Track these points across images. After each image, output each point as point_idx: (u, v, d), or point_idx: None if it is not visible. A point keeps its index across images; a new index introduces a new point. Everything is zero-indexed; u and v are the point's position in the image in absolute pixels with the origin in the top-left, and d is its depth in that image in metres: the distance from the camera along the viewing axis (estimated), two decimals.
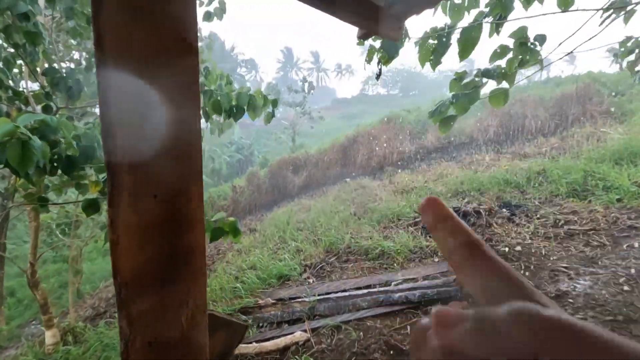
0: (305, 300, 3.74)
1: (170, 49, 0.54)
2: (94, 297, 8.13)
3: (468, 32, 2.29)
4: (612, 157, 5.88)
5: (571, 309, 2.78)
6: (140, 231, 0.49)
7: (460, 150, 10.45)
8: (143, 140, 0.50)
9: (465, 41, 2.29)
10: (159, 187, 0.51)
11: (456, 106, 2.28)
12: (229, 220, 2.07)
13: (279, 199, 12.69)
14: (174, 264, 0.53)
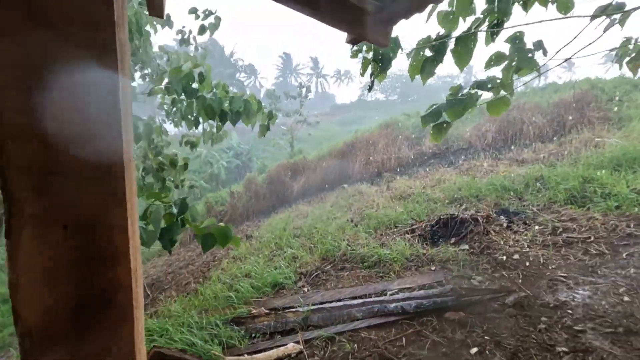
0: (299, 310, 3.67)
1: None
2: None
3: (463, 42, 2.25)
4: (610, 163, 5.84)
5: (570, 320, 2.72)
6: (46, 269, 0.42)
7: (458, 156, 10.41)
8: (48, 155, 0.43)
9: (461, 51, 2.25)
10: (69, 215, 0.44)
11: (449, 112, 2.24)
12: (221, 226, 2.00)
13: (277, 204, 12.62)
14: (91, 307, 0.46)
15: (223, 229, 1.88)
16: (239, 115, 3.07)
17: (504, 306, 3.05)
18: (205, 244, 1.89)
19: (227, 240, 1.91)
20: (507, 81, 2.35)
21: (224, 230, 1.88)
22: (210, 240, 1.91)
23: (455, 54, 2.29)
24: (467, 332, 2.81)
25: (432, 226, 5.04)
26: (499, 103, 2.33)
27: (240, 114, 2.94)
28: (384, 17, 1.33)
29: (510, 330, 2.74)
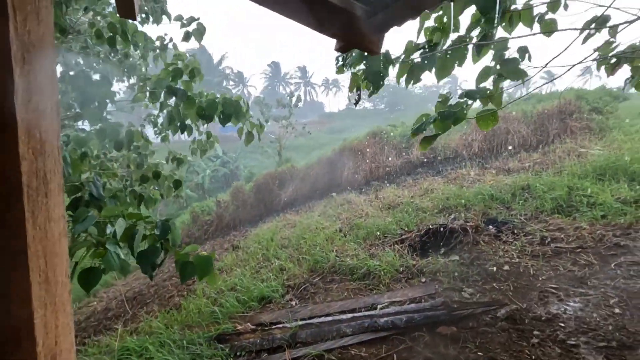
0: (287, 325, 3.53)
1: None
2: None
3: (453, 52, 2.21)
4: (594, 172, 5.93)
5: (563, 334, 2.67)
6: None
7: (445, 165, 10.47)
8: None
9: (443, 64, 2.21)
10: None
11: (437, 124, 2.18)
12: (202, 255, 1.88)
13: (264, 214, 12.44)
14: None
15: (204, 258, 1.76)
16: (229, 116, 2.99)
17: (496, 320, 2.99)
18: (183, 273, 1.77)
19: (206, 273, 1.79)
20: (496, 92, 2.32)
21: (204, 261, 1.76)
22: (190, 269, 1.79)
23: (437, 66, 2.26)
24: (459, 348, 2.73)
25: (422, 236, 4.99)
26: (489, 117, 2.30)
27: (230, 114, 2.87)
28: (375, 23, 1.27)
29: (503, 346, 2.67)
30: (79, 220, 1.77)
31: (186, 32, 4.27)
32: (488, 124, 2.07)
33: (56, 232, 0.52)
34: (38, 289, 0.39)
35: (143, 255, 1.72)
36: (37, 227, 0.48)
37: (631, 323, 2.66)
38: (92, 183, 2.18)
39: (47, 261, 0.49)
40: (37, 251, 0.46)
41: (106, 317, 6.52)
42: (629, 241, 3.87)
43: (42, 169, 0.50)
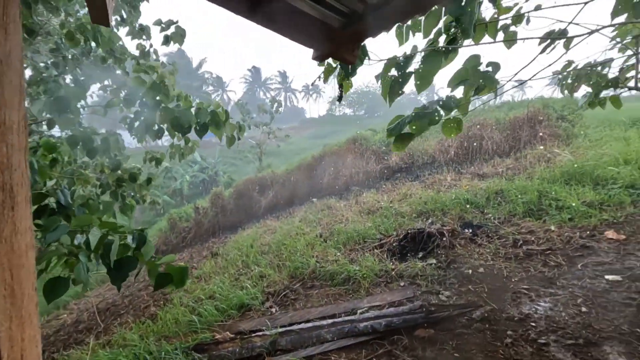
0: (267, 333, 3.50)
1: None
2: None
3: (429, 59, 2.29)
4: (562, 177, 6.22)
5: (534, 333, 2.77)
6: None
7: (423, 170, 10.70)
8: None
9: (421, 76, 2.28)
10: None
11: (415, 124, 2.24)
12: (179, 265, 1.85)
13: (244, 220, 12.29)
14: None
15: (180, 269, 1.74)
16: (206, 127, 2.94)
17: (471, 321, 3.07)
18: (158, 283, 1.73)
19: (182, 283, 1.76)
20: (466, 100, 2.41)
21: (180, 271, 1.73)
22: (166, 279, 1.76)
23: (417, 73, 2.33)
24: (437, 350, 2.78)
25: (400, 241, 5.07)
26: (453, 124, 2.38)
27: (207, 125, 2.82)
28: (351, 34, 1.31)
29: (478, 346, 2.75)
30: (49, 229, 1.71)
31: (165, 35, 4.22)
32: (452, 131, 2.15)
33: (23, 245, 0.51)
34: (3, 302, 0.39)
35: (118, 266, 1.67)
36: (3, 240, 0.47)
37: (596, 321, 2.79)
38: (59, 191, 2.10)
39: (13, 274, 0.48)
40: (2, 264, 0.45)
41: (77, 330, 6.24)
42: (594, 242, 4.08)
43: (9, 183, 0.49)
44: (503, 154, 10.01)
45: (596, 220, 4.56)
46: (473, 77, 2.36)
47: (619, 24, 2.72)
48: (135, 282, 8.49)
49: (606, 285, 3.24)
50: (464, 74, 2.34)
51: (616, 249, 3.84)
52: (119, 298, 7.37)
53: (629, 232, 4.14)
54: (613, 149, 7.02)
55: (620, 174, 5.54)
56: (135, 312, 6.03)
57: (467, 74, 2.32)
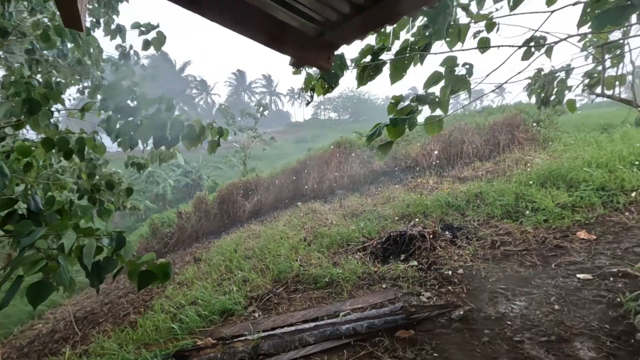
0: (249, 338, 3.48)
1: None
2: (6, 345, 7.01)
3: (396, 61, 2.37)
4: (538, 180, 6.42)
5: (510, 331, 2.85)
6: None
7: (406, 174, 10.86)
8: None
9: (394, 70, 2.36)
10: None
11: (390, 130, 2.30)
12: (160, 262, 1.84)
13: (228, 225, 12.17)
14: None
15: (162, 265, 1.72)
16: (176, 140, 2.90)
17: (451, 321, 3.14)
18: (142, 282, 1.72)
19: (168, 277, 1.75)
20: (444, 99, 2.50)
21: (163, 268, 1.72)
22: (148, 277, 1.74)
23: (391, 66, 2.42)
24: (417, 350, 2.83)
25: (383, 243, 5.13)
26: (434, 123, 2.46)
27: (178, 139, 2.78)
28: (325, 41, 1.35)
29: (457, 345, 2.81)
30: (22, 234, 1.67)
31: (145, 40, 4.16)
32: (434, 129, 2.22)
33: None
34: None
35: (95, 268, 1.65)
36: None
37: (568, 318, 2.90)
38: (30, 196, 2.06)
39: None
40: None
41: (53, 340, 6.05)
42: (567, 243, 4.23)
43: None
44: (483, 157, 10.27)
45: (569, 221, 4.74)
46: (448, 78, 2.44)
47: (584, 34, 2.86)
48: (115, 289, 8.29)
49: (578, 283, 3.37)
50: (438, 77, 2.42)
51: (587, 249, 3.99)
52: (98, 306, 7.18)
53: (599, 232, 4.32)
54: (585, 152, 7.31)
55: (592, 177, 5.77)
56: (115, 319, 5.89)
57: (441, 77, 2.41)
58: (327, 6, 1.23)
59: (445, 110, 2.50)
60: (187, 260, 9.01)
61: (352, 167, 12.14)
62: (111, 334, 4.71)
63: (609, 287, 3.19)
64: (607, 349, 2.47)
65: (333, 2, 1.21)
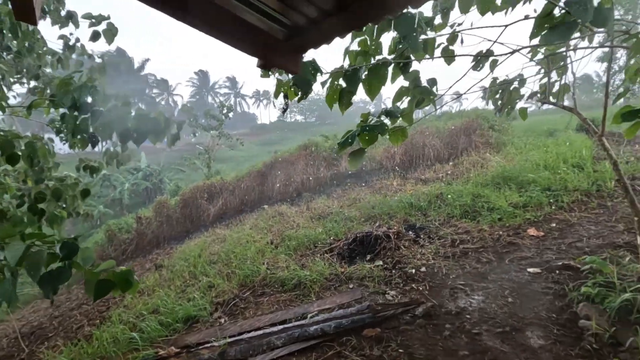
0: (215, 344, 3.39)
1: None
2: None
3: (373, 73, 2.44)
4: (493, 181, 6.84)
5: (469, 324, 3.01)
6: None
7: (372, 176, 11.11)
8: None
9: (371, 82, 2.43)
10: None
11: (362, 139, 2.36)
12: (121, 269, 1.74)
13: (191, 229, 11.77)
14: None
15: (123, 273, 1.64)
16: (144, 135, 2.79)
17: (414, 318, 3.26)
18: (98, 291, 1.62)
19: (130, 285, 1.66)
20: (409, 110, 2.61)
21: (124, 275, 1.64)
22: (107, 286, 1.64)
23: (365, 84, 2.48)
24: (383, 348, 2.90)
25: (349, 244, 5.22)
26: (399, 133, 2.57)
27: (146, 133, 2.67)
28: (294, 45, 1.37)
29: (420, 341, 2.92)
30: None
31: (95, 31, 3.91)
32: (398, 139, 2.30)
33: None
34: None
35: (47, 278, 1.54)
36: None
37: (520, 309, 3.11)
38: None
39: None
40: None
41: None
42: (519, 239, 4.54)
43: None
44: (443, 160, 10.75)
45: (520, 220, 5.09)
46: (413, 91, 2.56)
47: (533, 46, 3.11)
48: (67, 300, 7.74)
49: (528, 277, 3.63)
50: (405, 92, 2.53)
51: (536, 245, 4.31)
52: (47, 320, 6.66)
53: (547, 229, 4.67)
54: (534, 155, 7.89)
55: (540, 178, 6.24)
56: (67, 333, 5.50)
57: (407, 92, 2.52)
58: (295, 10, 1.25)
59: (410, 122, 2.61)
60: (147, 268, 8.60)
61: (319, 170, 12.22)
62: (63, 349, 4.40)
63: (555, 279, 3.46)
64: (554, 336, 2.68)
65: (301, 6, 1.23)
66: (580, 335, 2.63)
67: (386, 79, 2.50)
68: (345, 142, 2.48)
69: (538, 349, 2.58)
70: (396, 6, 1.32)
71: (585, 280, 3.19)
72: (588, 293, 2.95)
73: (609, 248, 3.78)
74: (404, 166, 11.07)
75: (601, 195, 5.43)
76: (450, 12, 3.02)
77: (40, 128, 20.78)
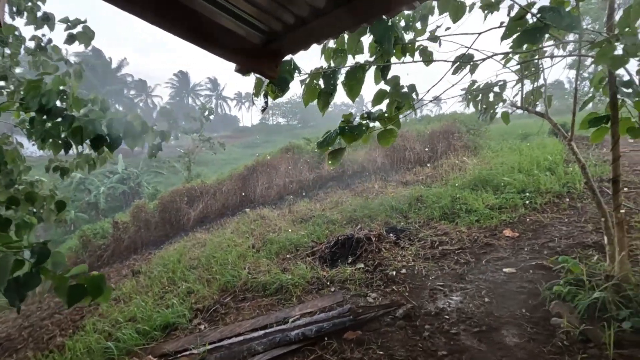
0: (194, 352, 3.33)
1: None
2: None
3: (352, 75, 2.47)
4: (471, 184, 7.02)
5: (447, 325, 3.07)
6: None
7: (353, 179, 11.19)
8: None
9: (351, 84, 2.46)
10: None
11: (344, 137, 2.38)
12: (93, 275, 1.68)
13: (170, 234, 11.52)
14: None
15: (95, 278, 1.58)
16: (118, 140, 2.71)
17: (395, 319, 3.29)
18: (71, 298, 1.55)
19: (101, 292, 1.61)
20: (391, 115, 2.65)
21: (96, 281, 1.58)
22: (79, 292, 1.58)
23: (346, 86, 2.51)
24: (364, 350, 2.92)
25: (331, 247, 5.23)
26: (387, 134, 2.61)
27: (120, 138, 2.60)
28: (271, 50, 1.37)
29: (400, 342, 2.95)
30: None
31: (70, 34, 3.79)
32: (388, 140, 2.35)
33: None
34: None
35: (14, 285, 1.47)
36: None
37: (496, 309, 3.20)
38: None
39: None
40: None
41: None
42: (495, 240, 4.67)
43: None
44: (423, 163, 10.95)
45: (497, 221, 5.24)
46: (393, 95, 2.60)
47: (507, 52, 3.22)
48: (37, 310, 7.41)
49: (504, 277, 3.74)
50: (384, 94, 2.57)
51: (511, 245, 4.45)
52: (15, 330, 6.36)
53: (521, 230, 4.83)
54: (510, 159, 8.15)
55: (515, 180, 6.45)
56: (37, 344, 5.26)
57: (386, 94, 2.56)
58: (272, 17, 1.25)
59: (398, 126, 2.65)
60: (124, 274, 8.35)
61: (301, 173, 12.22)
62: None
63: (529, 278, 3.58)
64: (528, 334, 2.77)
65: (278, 13, 1.24)
66: (553, 333, 2.72)
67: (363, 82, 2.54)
68: (325, 141, 2.48)
69: (513, 347, 2.66)
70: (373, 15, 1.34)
71: (557, 279, 3.31)
72: (559, 292, 3.07)
73: (579, 248, 3.95)
74: (385, 169, 11.21)
75: (572, 196, 5.66)
76: (428, 18, 3.11)
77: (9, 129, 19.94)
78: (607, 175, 6.13)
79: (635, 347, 2.42)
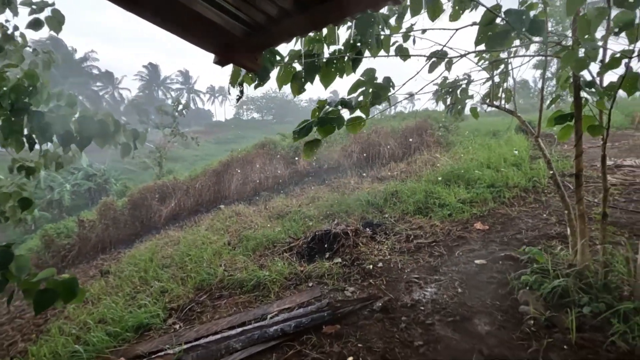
0: (170, 352, 3.24)
1: None
2: None
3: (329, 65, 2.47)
4: (443, 179, 7.22)
5: (423, 315, 3.16)
6: None
7: (330, 174, 11.24)
8: None
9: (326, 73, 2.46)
10: None
11: (320, 129, 2.38)
12: (63, 277, 1.59)
13: (141, 232, 11.13)
14: None
15: (66, 281, 1.50)
16: (88, 140, 2.57)
17: (372, 312, 3.35)
18: (39, 303, 1.46)
19: (74, 295, 1.52)
20: (365, 102, 2.69)
21: (67, 283, 1.50)
22: (49, 297, 1.49)
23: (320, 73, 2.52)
24: (343, 344, 2.95)
25: (308, 243, 5.24)
26: (356, 122, 2.64)
27: (90, 137, 2.47)
28: (253, 43, 1.34)
29: (378, 334, 3.01)
30: None
31: (35, 19, 3.53)
32: (356, 128, 2.37)
33: None
34: None
35: None
36: None
37: (469, 299, 3.32)
38: None
39: None
40: None
41: None
42: (467, 233, 4.85)
43: None
44: (398, 158, 11.15)
45: (468, 215, 5.43)
46: (368, 85, 2.63)
47: (479, 51, 3.33)
48: None
49: (476, 268, 3.89)
50: (360, 84, 2.59)
51: (482, 238, 4.63)
52: None
53: (491, 223, 5.04)
54: (480, 155, 8.45)
55: (485, 175, 6.70)
56: None
57: (363, 84, 2.58)
58: (254, 7, 1.22)
59: (367, 114, 2.68)
60: (91, 275, 8.00)
61: (277, 169, 12.13)
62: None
63: (499, 269, 3.74)
64: (499, 322, 2.90)
65: (260, 4, 1.21)
66: (521, 320, 2.87)
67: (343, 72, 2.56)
68: (301, 131, 2.47)
69: (485, 335, 2.77)
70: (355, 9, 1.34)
71: (525, 269, 3.48)
72: (527, 281, 3.23)
73: (544, 239, 4.17)
74: (361, 165, 11.33)
75: (537, 190, 5.96)
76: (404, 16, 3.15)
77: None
78: (569, 170, 6.50)
79: (595, 330, 2.59)
